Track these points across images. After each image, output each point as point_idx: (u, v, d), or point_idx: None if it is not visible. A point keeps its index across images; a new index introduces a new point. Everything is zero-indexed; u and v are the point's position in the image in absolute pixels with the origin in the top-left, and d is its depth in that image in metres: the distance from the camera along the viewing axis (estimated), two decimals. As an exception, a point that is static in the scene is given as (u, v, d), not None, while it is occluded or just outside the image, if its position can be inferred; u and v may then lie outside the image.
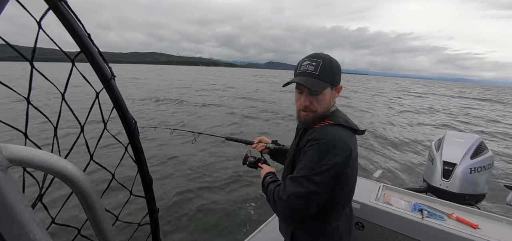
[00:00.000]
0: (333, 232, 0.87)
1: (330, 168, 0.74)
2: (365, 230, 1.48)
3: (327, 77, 0.81)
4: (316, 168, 0.74)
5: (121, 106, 0.37)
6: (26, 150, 0.25)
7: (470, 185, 2.09)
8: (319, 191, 0.75)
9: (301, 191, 0.75)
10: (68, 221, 0.42)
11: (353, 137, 0.84)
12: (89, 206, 0.32)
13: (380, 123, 9.19)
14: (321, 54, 0.84)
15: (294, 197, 0.76)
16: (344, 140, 0.77)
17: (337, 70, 0.83)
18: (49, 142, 4.52)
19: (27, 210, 0.23)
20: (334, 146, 0.75)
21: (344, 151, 0.75)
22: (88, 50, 0.31)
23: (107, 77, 0.34)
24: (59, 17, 0.29)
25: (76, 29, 0.30)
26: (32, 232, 0.23)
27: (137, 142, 0.41)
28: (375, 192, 1.59)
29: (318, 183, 0.74)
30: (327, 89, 0.82)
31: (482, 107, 17.21)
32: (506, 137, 7.96)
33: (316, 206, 0.78)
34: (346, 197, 0.88)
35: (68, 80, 0.34)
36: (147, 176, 0.45)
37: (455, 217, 1.34)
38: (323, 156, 0.74)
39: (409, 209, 1.42)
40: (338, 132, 0.79)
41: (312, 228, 0.86)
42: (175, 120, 8.35)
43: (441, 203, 1.51)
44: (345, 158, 0.76)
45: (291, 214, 0.79)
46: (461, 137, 2.37)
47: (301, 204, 0.76)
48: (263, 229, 1.65)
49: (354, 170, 0.84)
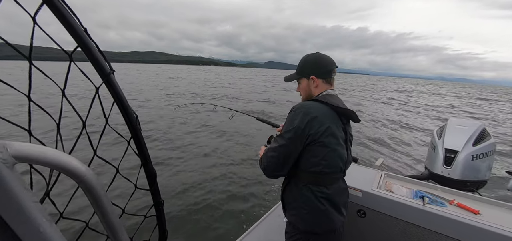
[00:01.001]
0: (313, 196, 0.95)
1: (296, 127, 0.92)
2: (367, 217, 1.50)
3: (300, 71, 1.09)
4: (287, 128, 0.95)
5: (121, 101, 0.37)
6: (31, 147, 0.25)
7: (471, 171, 2.10)
8: (287, 145, 0.93)
9: (275, 146, 0.96)
10: (76, 215, 0.42)
11: (328, 112, 0.97)
12: (96, 200, 0.33)
13: (382, 113, 9.15)
14: (304, 56, 1.09)
15: (271, 151, 0.97)
16: (310, 108, 0.94)
17: (307, 64, 1.06)
18: (52, 139, 4.57)
19: (35, 205, 0.23)
20: (300, 112, 0.94)
21: (306, 115, 0.92)
22: (85, 45, 0.31)
23: (106, 72, 0.34)
24: (54, 12, 0.28)
25: (72, 24, 0.30)
26: (41, 226, 0.24)
27: (139, 135, 0.41)
28: (376, 180, 1.60)
29: (287, 138, 0.93)
30: (303, 79, 1.08)
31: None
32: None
33: (287, 160, 0.95)
34: (324, 162, 0.94)
35: (67, 76, 0.34)
36: (151, 169, 0.46)
37: (456, 203, 1.35)
38: (292, 119, 0.95)
39: (410, 196, 1.43)
40: (309, 103, 0.97)
41: (295, 189, 1.00)
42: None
43: (443, 190, 1.52)
44: (308, 121, 0.92)
45: (267, 164, 0.98)
46: (463, 124, 2.35)
47: (274, 157, 0.95)
48: (267, 217, 1.68)
49: (325, 137, 0.93)
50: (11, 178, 0.21)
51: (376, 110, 10.68)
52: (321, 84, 1.04)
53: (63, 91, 0.34)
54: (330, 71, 1.04)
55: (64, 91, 0.34)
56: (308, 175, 0.96)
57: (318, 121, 0.92)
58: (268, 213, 1.73)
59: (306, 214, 0.96)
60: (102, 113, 0.39)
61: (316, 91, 1.05)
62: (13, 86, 0.31)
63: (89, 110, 0.37)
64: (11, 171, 0.22)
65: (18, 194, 0.22)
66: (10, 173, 0.21)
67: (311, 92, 1.07)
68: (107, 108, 0.39)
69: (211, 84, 23.84)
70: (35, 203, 0.23)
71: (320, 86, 1.05)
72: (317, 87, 1.05)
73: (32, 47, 0.29)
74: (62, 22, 0.29)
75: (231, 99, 13.45)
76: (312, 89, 1.06)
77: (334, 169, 0.97)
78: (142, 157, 0.44)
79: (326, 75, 1.04)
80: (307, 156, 0.94)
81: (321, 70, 1.04)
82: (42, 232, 0.23)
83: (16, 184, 0.22)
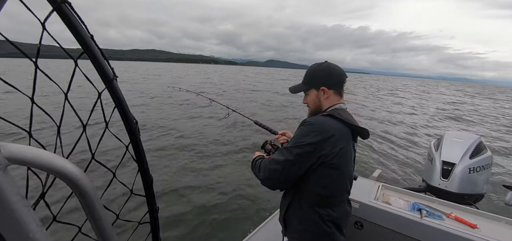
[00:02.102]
0: (319, 218, 0.90)
1: (307, 144, 0.86)
2: (364, 229, 1.49)
3: (309, 81, 1.02)
4: (297, 142, 0.88)
5: (122, 106, 0.37)
6: (26, 149, 0.25)
7: (469, 185, 2.10)
8: (294, 161, 0.87)
9: (280, 159, 0.89)
10: (71, 219, 0.42)
11: (343, 130, 0.91)
12: (88, 205, 0.32)
13: (379, 122, 9.21)
14: (313, 64, 1.04)
15: (274, 162, 0.91)
16: (325, 126, 0.88)
17: (318, 74, 1.00)
18: (52, 141, 4.52)
19: (26, 209, 0.23)
20: (314, 129, 0.87)
21: (322, 134, 0.86)
22: (91, 51, 0.31)
23: (109, 78, 0.34)
24: (63, 19, 0.28)
25: (79, 30, 0.30)
26: (31, 231, 0.23)
27: (138, 141, 0.41)
28: (374, 192, 1.59)
29: (295, 154, 0.87)
30: (312, 90, 1.01)
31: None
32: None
33: (290, 176, 0.88)
34: (334, 185, 0.91)
35: (71, 79, 0.34)
36: (147, 175, 0.45)
37: (454, 217, 1.34)
38: (305, 135, 0.88)
39: (408, 208, 1.42)
40: (324, 119, 0.91)
41: (299, 210, 0.95)
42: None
43: (440, 203, 1.52)
44: (322, 140, 0.86)
45: (269, 176, 0.91)
46: (460, 137, 2.37)
47: (277, 170, 0.89)
48: (266, 224, 1.65)
49: (338, 159, 0.88)
50: (4, 180, 0.21)
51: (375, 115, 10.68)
52: (332, 96, 0.98)
53: (66, 94, 0.34)
54: (342, 82, 0.99)
55: (67, 94, 0.34)
56: (315, 197, 0.91)
57: (332, 141, 0.86)
58: (264, 223, 1.70)
59: (311, 239, 0.92)
60: (103, 118, 0.39)
61: (326, 103, 0.99)
62: (17, 88, 0.31)
63: (90, 114, 0.37)
64: (3, 173, 0.21)
65: (9, 197, 0.21)
66: (2, 175, 0.21)
67: (320, 104, 1.00)
68: (108, 113, 0.39)
69: (247, 86, 21.09)
70: (26, 208, 0.23)
71: (330, 98, 0.98)
72: (328, 98, 0.98)
73: (39, 52, 0.29)
74: (70, 29, 0.29)
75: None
76: (322, 100, 0.99)
77: (342, 192, 0.94)
78: (139, 163, 0.43)
79: (337, 86, 0.99)
80: (315, 178, 0.89)
81: (332, 80, 0.98)
82: (31, 238, 0.23)
83: (7, 187, 0.21)
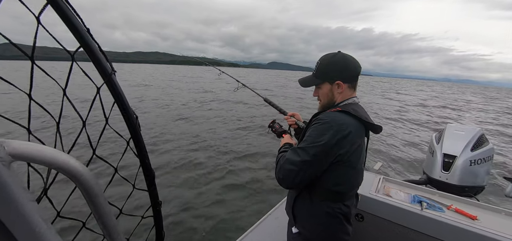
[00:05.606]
0: (331, 211, 0.90)
1: (325, 144, 0.82)
2: (364, 221, 1.50)
3: (321, 75, 0.95)
4: (314, 142, 0.84)
5: (122, 101, 0.37)
6: (28, 145, 0.25)
7: (469, 177, 2.10)
8: (311, 161, 0.83)
9: (296, 159, 0.85)
10: (74, 214, 0.42)
11: (358, 126, 0.88)
12: (92, 200, 0.33)
13: (380, 117, 9.17)
14: (325, 55, 0.96)
15: (289, 163, 0.86)
16: (343, 124, 0.84)
17: (333, 66, 0.93)
18: (52, 138, 4.54)
19: (32, 204, 0.23)
20: (331, 127, 0.83)
21: (338, 132, 0.83)
22: (88, 45, 0.31)
23: (108, 73, 0.34)
24: (58, 12, 0.28)
25: (75, 24, 0.30)
26: (37, 226, 0.23)
27: (139, 136, 0.41)
28: (375, 184, 1.60)
29: (312, 154, 0.83)
30: (325, 84, 0.95)
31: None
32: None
33: (307, 176, 0.85)
34: (347, 182, 0.90)
35: (68, 75, 0.34)
36: (149, 169, 0.45)
37: (454, 209, 1.35)
38: (321, 133, 0.84)
39: (408, 200, 1.43)
40: (340, 116, 0.86)
41: (310, 204, 0.93)
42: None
43: (441, 195, 1.53)
44: (340, 139, 0.83)
45: (283, 177, 0.88)
46: (462, 130, 2.36)
47: (292, 170, 0.85)
48: (270, 214, 1.66)
49: (354, 157, 0.87)
50: (8, 177, 0.21)
51: (373, 109, 10.66)
52: (346, 90, 0.93)
53: (64, 90, 0.34)
54: (357, 75, 0.94)
55: (65, 90, 0.34)
56: (327, 193, 0.89)
57: (349, 139, 0.84)
58: (265, 217, 1.72)
59: (323, 231, 0.92)
60: (103, 113, 0.39)
61: (339, 97, 0.94)
62: (14, 85, 0.31)
63: (89, 109, 0.37)
64: (8, 169, 0.21)
65: (14, 192, 0.21)
66: (7, 171, 0.21)
67: (333, 98, 0.95)
68: (107, 109, 0.39)
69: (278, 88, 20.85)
70: (32, 203, 0.23)
71: (344, 92, 0.93)
72: (342, 93, 0.94)
73: (34, 47, 0.29)
74: (65, 22, 0.29)
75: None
76: (336, 95, 0.94)
77: (353, 187, 0.95)
78: (141, 158, 0.43)
79: (352, 80, 0.93)
80: (329, 175, 0.87)
81: (348, 74, 0.92)
82: (38, 232, 0.23)
83: (12, 183, 0.21)
